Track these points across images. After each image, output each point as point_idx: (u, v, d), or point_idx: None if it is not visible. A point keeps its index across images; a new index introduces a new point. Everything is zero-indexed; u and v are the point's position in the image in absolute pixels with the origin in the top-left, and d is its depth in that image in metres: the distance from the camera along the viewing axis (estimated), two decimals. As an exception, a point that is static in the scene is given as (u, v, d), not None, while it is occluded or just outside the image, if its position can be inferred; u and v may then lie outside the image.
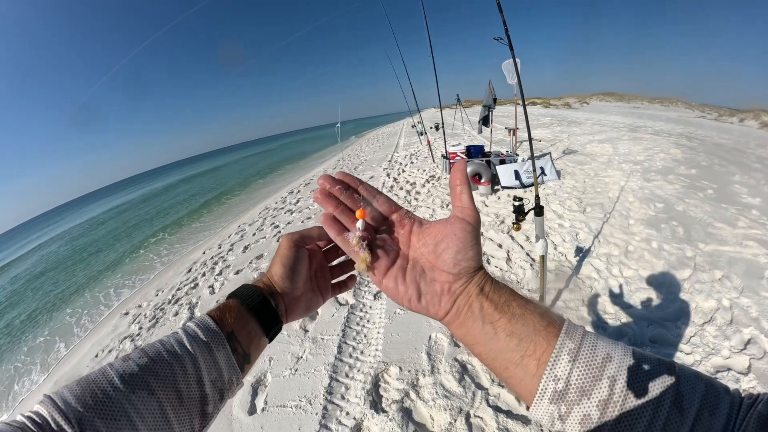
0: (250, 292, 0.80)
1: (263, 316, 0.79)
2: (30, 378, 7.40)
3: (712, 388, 0.50)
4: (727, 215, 6.46)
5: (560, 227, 6.78)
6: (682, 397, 0.49)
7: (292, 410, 3.79)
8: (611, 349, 0.53)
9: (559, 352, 0.54)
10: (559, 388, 0.53)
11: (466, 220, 0.68)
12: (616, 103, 37.62)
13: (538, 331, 0.57)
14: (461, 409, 3.40)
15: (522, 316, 0.60)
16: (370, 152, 25.54)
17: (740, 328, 3.90)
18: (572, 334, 0.56)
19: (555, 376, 0.53)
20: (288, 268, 0.84)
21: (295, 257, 0.85)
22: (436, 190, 10.95)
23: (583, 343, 0.54)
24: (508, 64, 10.49)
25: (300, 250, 0.86)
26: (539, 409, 0.55)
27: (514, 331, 0.59)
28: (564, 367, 0.53)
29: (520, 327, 0.59)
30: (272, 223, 11.71)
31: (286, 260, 0.84)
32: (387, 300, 5.34)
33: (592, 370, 0.52)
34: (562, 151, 13.41)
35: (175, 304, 7.45)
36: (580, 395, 0.52)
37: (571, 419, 0.52)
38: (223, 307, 0.77)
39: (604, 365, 0.52)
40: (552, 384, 0.53)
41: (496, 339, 0.61)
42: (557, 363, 0.54)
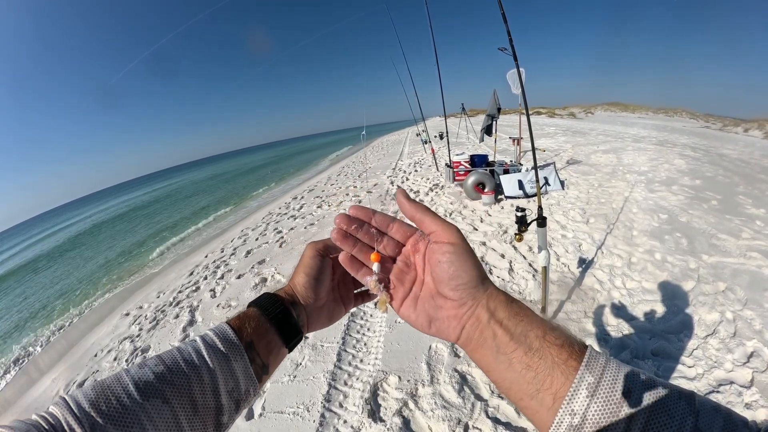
0: (271, 302, 0.78)
1: (284, 326, 0.77)
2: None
3: (731, 422, 0.48)
4: (731, 226, 6.43)
5: (563, 238, 6.76)
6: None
7: (289, 417, 3.77)
8: (632, 383, 0.51)
9: (577, 387, 0.52)
10: (575, 422, 0.51)
11: (443, 242, 0.66)
12: (621, 113, 37.66)
13: (557, 365, 0.55)
14: (460, 420, 3.37)
15: (540, 350, 0.56)
16: (375, 159, 25.58)
17: (743, 340, 3.86)
18: (593, 366, 0.53)
19: (572, 410, 0.51)
20: (311, 277, 0.82)
21: (318, 267, 0.83)
22: (440, 199, 10.94)
23: (603, 377, 0.52)
24: (512, 74, 10.51)
25: (324, 259, 0.84)
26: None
27: (531, 364, 0.56)
28: (581, 402, 0.51)
29: (537, 361, 0.56)
30: (275, 228, 11.71)
31: (309, 270, 0.83)
32: (388, 309, 5.31)
33: (610, 406, 0.50)
34: (567, 161, 13.42)
35: (176, 307, 7.43)
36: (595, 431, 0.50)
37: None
38: (243, 316, 0.75)
39: (622, 401, 0.50)
40: (568, 418, 0.51)
41: (511, 370, 0.59)
42: (575, 397, 0.52)
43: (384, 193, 13.04)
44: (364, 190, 14.22)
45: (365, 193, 13.70)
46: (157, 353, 0.67)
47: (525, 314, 0.61)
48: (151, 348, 6.00)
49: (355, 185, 15.89)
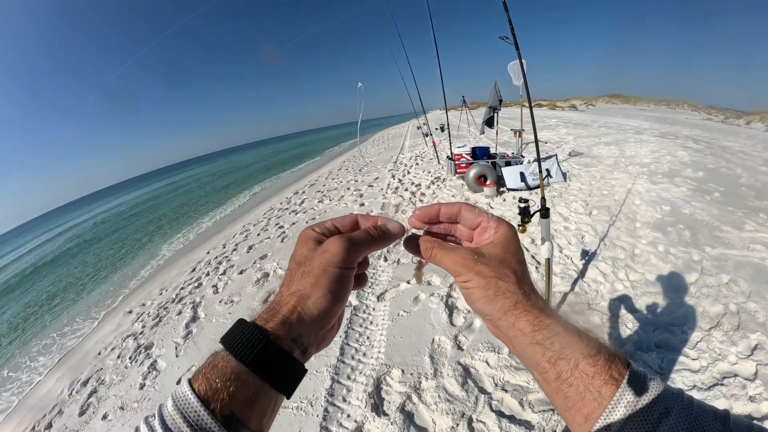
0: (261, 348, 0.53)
1: (282, 376, 0.55)
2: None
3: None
4: (734, 218, 6.41)
5: (566, 230, 6.75)
6: None
7: (293, 411, 3.78)
8: (670, 403, 0.50)
9: (615, 405, 0.50)
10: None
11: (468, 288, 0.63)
12: (622, 105, 37.57)
13: (589, 392, 0.52)
14: (464, 414, 3.37)
15: (569, 378, 0.54)
16: (376, 153, 25.54)
17: (747, 333, 3.86)
18: (634, 384, 0.52)
19: (608, 424, 0.50)
20: (337, 297, 0.61)
21: (349, 282, 0.64)
22: (441, 192, 10.93)
23: (642, 395, 0.50)
24: (514, 66, 10.46)
25: (353, 271, 0.65)
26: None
27: (560, 388, 0.55)
28: (618, 420, 0.50)
29: (566, 387, 0.54)
30: (277, 223, 11.71)
31: (337, 285, 0.61)
32: (390, 302, 5.33)
33: (646, 426, 0.49)
34: (568, 153, 13.39)
35: (178, 303, 7.44)
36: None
37: None
38: (218, 375, 0.51)
39: (659, 421, 0.49)
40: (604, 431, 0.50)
41: (546, 387, 0.57)
42: (612, 415, 0.50)
43: (385, 186, 13.01)
44: (365, 184, 14.19)
45: (366, 187, 13.67)
46: None
47: (556, 341, 0.57)
48: (154, 345, 6.01)
49: (356, 179, 15.86)
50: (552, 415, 3.20)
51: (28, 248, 39.79)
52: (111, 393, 5.12)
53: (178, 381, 4.87)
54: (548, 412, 3.23)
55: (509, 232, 0.66)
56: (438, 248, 0.66)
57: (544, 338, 0.56)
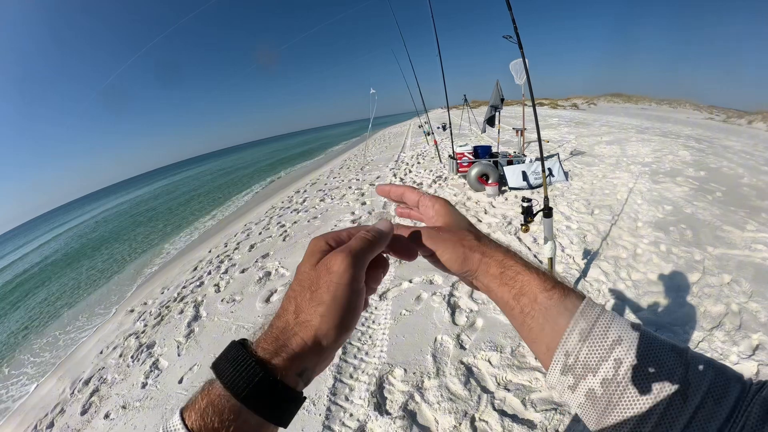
0: (266, 387, 0.49)
1: (283, 411, 0.51)
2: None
3: (722, 376, 0.50)
4: (736, 218, 6.41)
5: (568, 229, 6.75)
6: (689, 384, 0.49)
7: (295, 411, 3.78)
8: (624, 332, 0.55)
9: (571, 331, 0.57)
10: (569, 362, 0.56)
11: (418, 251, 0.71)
12: (624, 104, 37.52)
13: (547, 322, 0.60)
14: (466, 413, 3.38)
15: (530, 311, 0.61)
16: (377, 152, 25.51)
17: (749, 333, 3.85)
18: (587, 314, 0.57)
19: (566, 351, 0.56)
20: (347, 328, 0.57)
21: (360, 306, 0.59)
22: (443, 191, 10.94)
23: (596, 324, 0.56)
24: (516, 64, 10.44)
25: (364, 290, 0.61)
26: (552, 377, 0.58)
27: (525, 322, 0.62)
28: (574, 345, 0.56)
29: (530, 320, 0.61)
30: (278, 222, 11.71)
31: (348, 314, 0.57)
32: (392, 301, 5.33)
33: (600, 351, 0.54)
34: (570, 153, 13.38)
35: (180, 302, 7.45)
36: (585, 371, 0.54)
37: (578, 390, 0.55)
38: (215, 413, 0.47)
39: (612, 347, 0.54)
40: (563, 358, 0.56)
41: (514, 322, 0.65)
42: (568, 340, 0.56)
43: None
44: (366, 183, 14.19)
45: (368, 185, 13.67)
46: None
47: (518, 279, 0.64)
48: (156, 344, 6.02)
49: (358, 178, 15.86)
50: (555, 414, 3.20)
51: (39, 242, 40.30)
52: (113, 392, 5.12)
53: (180, 380, 4.88)
54: (551, 411, 3.23)
55: (444, 203, 0.79)
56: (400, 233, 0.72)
57: (509, 278, 0.65)
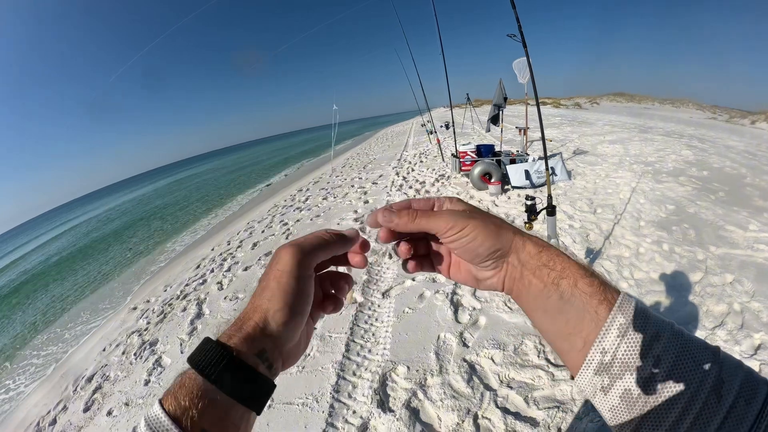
0: (225, 364, 0.54)
1: (249, 393, 0.55)
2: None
3: (752, 378, 0.50)
4: (739, 218, 6.40)
5: (571, 228, 6.75)
6: (722, 383, 0.49)
7: (298, 408, 3.80)
8: (661, 328, 0.53)
9: (609, 326, 0.54)
10: (606, 360, 0.54)
11: (447, 238, 0.67)
12: (627, 103, 37.45)
13: (587, 311, 0.57)
14: (469, 410, 3.39)
15: (571, 297, 0.58)
16: (380, 151, 25.52)
17: (751, 332, 3.85)
18: (625, 308, 0.55)
19: (603, 348, 0.54)
20: (294, 310, 0.61)
21: (304, 292, 0.63)
22: (445, 189, 10.95)
23: (635, 319, 0.54)
24: (518, 63, 10.45)
25: (311, 278, 0.65)
26: (584, 378, 0.56)
27: (563, 309, 0.59)
28: (612, 341, 0.54)
29: (568, 308, 0.58)
30: (281, 220, 11.72)
31: (293, 297, 0.61)
32: (396, 298, 5.35)
33: (639, 347, 0.52)
34: (573, 152, 13.36)
35: (183, 300, 7.47)
36: (623, 370, 0.52)
37: (612, 392, 0.53)
38: (186, 393, 0.51)
39: (651, 343, 0.52)
40: (599, 356, 0.54)
41: (546, 315, 0.62)
42: (606, 336, 0.54)
43: (390, 184, 13.01)
44: (369, 182, 14.19)
45: (370, 184, 13.67)
46: None
47: (557, 261, 0.62)
48: (158, 341, 6.04)
49: (360, 177, 15.87)
50: (557, 412, 3.21)
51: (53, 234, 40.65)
52: (116, 389, 5.14)
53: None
54: (553, 409, 3.23)
55: (458, 199, 0.72)
56: (422, 214, 0.68)
57: (549, 259, 0.63)
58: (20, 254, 37.17)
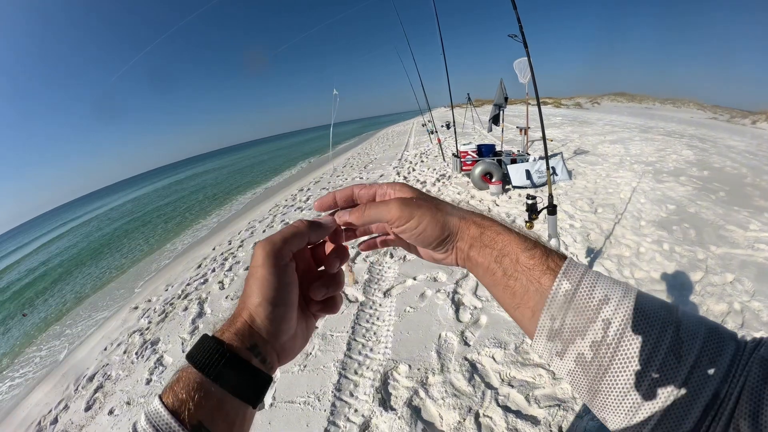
0: (218, 357, 0.55)
1: (244, 385, 0.56)
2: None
3: (716, 334, 0.50)
4: (739, 218, 6.41)
5: (571, 227, 6.76)
6: (681, 342, 0.48)
7: (300, 406, 3.80)
8: (610, 291, 0.54)
9: (555, 293, 0.55)
10: (555, 326, 0.55)
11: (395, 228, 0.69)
12: (628, 103, 37.44)
13: (531, 283, 0.58)
14: (470, 409, 3.40)
15: (513, 272, 0.60)
16: (380, 151, 25.53)
17: (751, 332, 3.84)
18: (571, 275, 0.56)
19: (551, 315, 0.55)
20: (273, 302, 0.60)
21: (280, 282, 0.61)
22: (446, 189, 10.94)
23: (581, 285, 0.55)
24: (519, 63, 10.45)
25: (287, 267, 0.63)
26: (538, 345, 0.58)
27: (508, 284, 0.61)
28: (559, 307, 0.55)
29: (513, 282, 0.60)
30: (282, 220, 11.75)
31: (270, 293, 0.60)
32: (397, 298, 5.35)
33: (587, 312, 0.53)
34: (574, 151, 13.37)
35: (184, 299, 7.48)
36: (574, 335, 0.53)
37: (567, 356, 0.54)
38: (183, 387, 0.53)
39: (599, 307, 0.53)
40: (549, 323, 0.55)
41: (496, 290, 0.64)
42: (552, 304, 0.55)
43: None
44: (370, 181, 14.17)
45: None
46: None
47: (498, 240, 0.64)
48: (160, 340, 6.05)
49: (361, 176, 15.87)
50: (558, 411, 3.22)
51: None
52: (117, 388, 5.14)
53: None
54: (555, 408, 3.24)
55: (403, 184, 0.74)
56: (370, 207, 0.70)
57: (489, 239, 0.64)
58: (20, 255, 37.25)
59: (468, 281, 5.34)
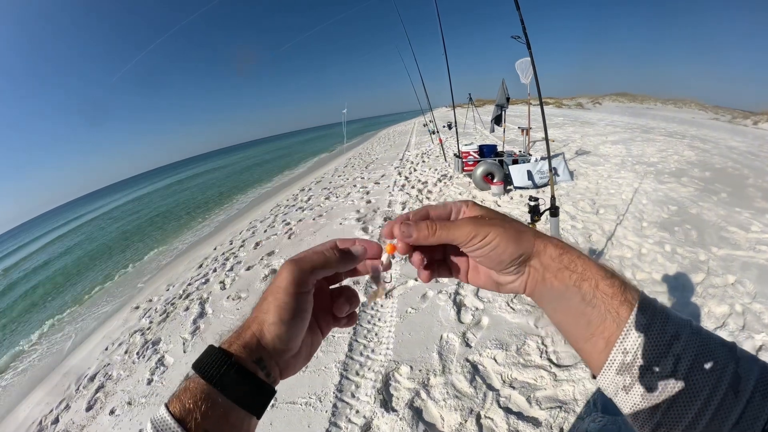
0: (226, 368, 0.57)
1: (249, 396, 0.58)
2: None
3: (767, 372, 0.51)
4: (741, 219, 6.40)
5: (573, 228, 6.76)
6: (740, 379, 0.50)
7: (301, 407, 3.81)
8: (680, 327, 0.54)
9: (630, 327, 0.55)
10: (627, 360, 0.54)
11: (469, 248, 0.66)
12: (629, 103, 37.40)
13: (609, 313, 0.57)
14: (472, 410, 3.40)
15: (592, 299, 0.59)
16: (382, 151, 25.53)
17: (752, 334, 3.86)
18: (645, 309, 0.56)
19: (624, 349, 0.55)
20: (288, 324, 0.62)
21: (299, 307, 0.63)
22: (448, 189, 10.94)
23: (654, 319, 0.55)
24: (521, 63, 10.45)
25: (309, 294, 0.66)
26: (606, 378, 0.57)
27: (585, 312, 0.59)
28: (633, 341, 0.54)
29: (590, 309, 0.59)
30: (283, 220, 11.73)
31: (286, 313, 0.62)
32: (398, 299, 5.36)
33: (660, 347, 0.53)
34: (575, 152, 13.37)
35: (186, 299, 7.49)
36: (645, 369, 0.53)
37: (634, 390, 0.54)
38: (190, 396, 0.54)
39: (671, 342, 0.53)
40: (620, 356, 0.55)
41: (568, 317, 0.62)
42: (627, 337, 0.55)
43: (392, 184, 13.00)
44: (372, 182, 14.20)
45: (373, 184, 13.67)
46: None
47: (578, 263, 0.62)
48: (161, 340, 6.05)
49: (363, 176, 15.88)
50: (559, 412, 3.21)
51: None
52: (118, 388, 5.15)
53: (186, 377, 4.90)
54: (556, 409, 3.24)
55: (474, 203, 0.71)
56: (441, 227, 0.66)
57: (570, 261, 0.62)
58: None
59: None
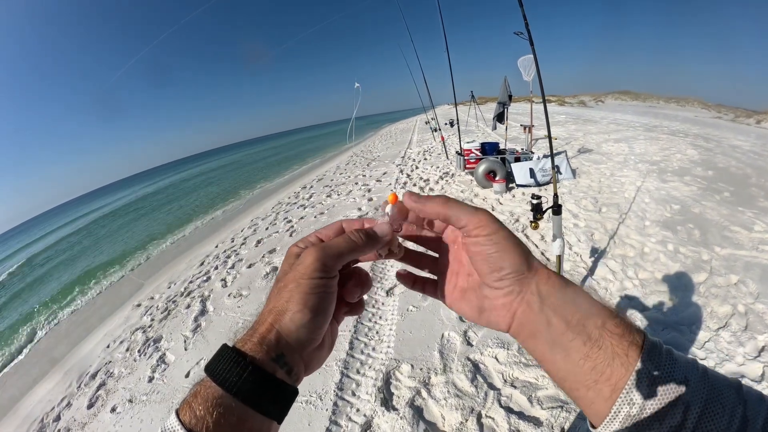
0: (240, 370, 0.50)
1: (266, 401, 0.51)
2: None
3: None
4: (744, 219, 6.38)
5: (575, 227, 6.74)
6: (747, 422, 0.47)
7: (302, 405, 3.80)
8: (688, 372, 0.50)
9: (638, 377, 0.49)
10: (633, 412, 0.49)
11: (476, 235, 0.60)
12: (632, 102, 37.35)
13: (617, 356, 0.51)
14: (473, 409, 3.39)
15: (599, 340, 0.52)
16: (383, 148, 25.52)
17: (755, 334, 3.85)
18: (653, 355, 0.50)
19: (630, 400, 0.49)
20: (314, 312, 0.56)
21: (328, 294, 0.58)
22: (450, 187, 10.94)
23: (664, 364, 0.50)
24: (524, 61, 10.42)
25: (334, 280, 0.60)
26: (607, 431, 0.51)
27: (590, 355, 0.52)
28: (641, 390, 0.49)
29: (596, 351, 0.52)
30: (285, 217, 11.74)
31: (313, 300, 0.56)
32: (399, 297, 5.36)
33: (669, 396, 0.48)
34: (578, 150, 13.34)
35: (187, 297, 7.49)
36: (652, 420, 0.48)
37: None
38: (201, 402, 0.49)
39: (679, 390, 0.48)
40: (626, 408, 0.49)
41: (568, 360, 0.54)
42: (635, 386, 0.49)
43: (394, 181, 13.00)
44: (373, 179, 14.19)
45: (374, 182, 13.66)
46: None
47: (584, 299, 0.56)
48: (162, 338, 6.06)
49: (364, 174, 15.87)
50: (560, 412, 3.21)
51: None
52: (120, 386, 5.16)
53: (187, 374, 4.91)
54: (557, 409, 3.23)
55: (491, 220, 0.62)
56: (455, 202, 0.63)
57: (575, 295, 0.56)
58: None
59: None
